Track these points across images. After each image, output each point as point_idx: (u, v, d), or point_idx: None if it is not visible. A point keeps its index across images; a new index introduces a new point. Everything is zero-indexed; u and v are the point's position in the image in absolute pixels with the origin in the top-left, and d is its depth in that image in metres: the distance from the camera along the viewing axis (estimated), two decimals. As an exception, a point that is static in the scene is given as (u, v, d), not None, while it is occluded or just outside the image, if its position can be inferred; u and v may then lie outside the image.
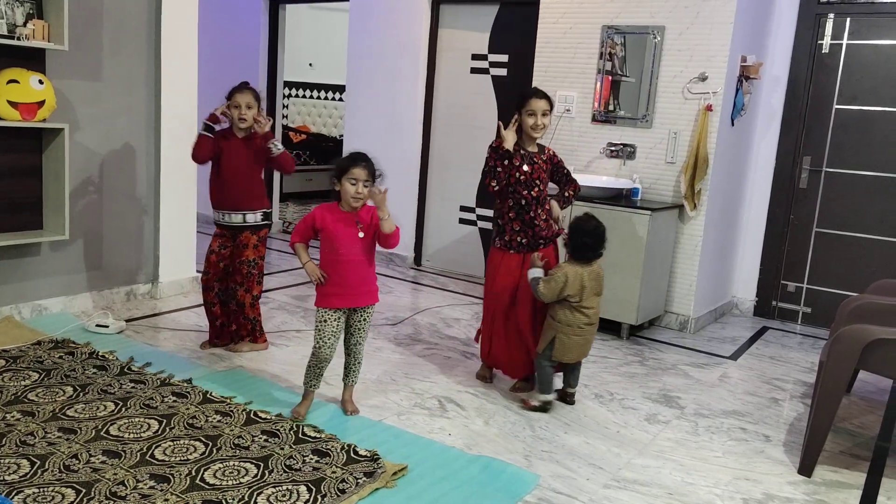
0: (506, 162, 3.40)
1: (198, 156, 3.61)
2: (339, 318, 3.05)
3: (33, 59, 3.84)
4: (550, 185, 3.61)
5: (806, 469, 2.96)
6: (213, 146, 3.60)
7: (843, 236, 5.08)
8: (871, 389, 4.01)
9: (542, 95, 3.44)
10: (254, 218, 3.68)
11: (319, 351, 3.04)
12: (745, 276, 5.44)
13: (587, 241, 3.25)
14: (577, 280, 3.23)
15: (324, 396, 3.31)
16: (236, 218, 3.66)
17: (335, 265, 3.00)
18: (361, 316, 3.10)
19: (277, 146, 3.59)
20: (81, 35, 4.08)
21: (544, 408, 3.35)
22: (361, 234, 2.96)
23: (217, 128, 3.61)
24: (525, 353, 3.53)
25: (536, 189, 3.46)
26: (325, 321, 3.03)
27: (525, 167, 3.46)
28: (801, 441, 3.24)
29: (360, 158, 2.94)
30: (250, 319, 3.79)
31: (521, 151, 3.48)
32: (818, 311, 5.20)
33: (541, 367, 3.35)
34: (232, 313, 3.78)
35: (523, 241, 3.50)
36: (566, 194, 3.67)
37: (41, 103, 3.74)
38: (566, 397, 3.48)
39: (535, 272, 3.35)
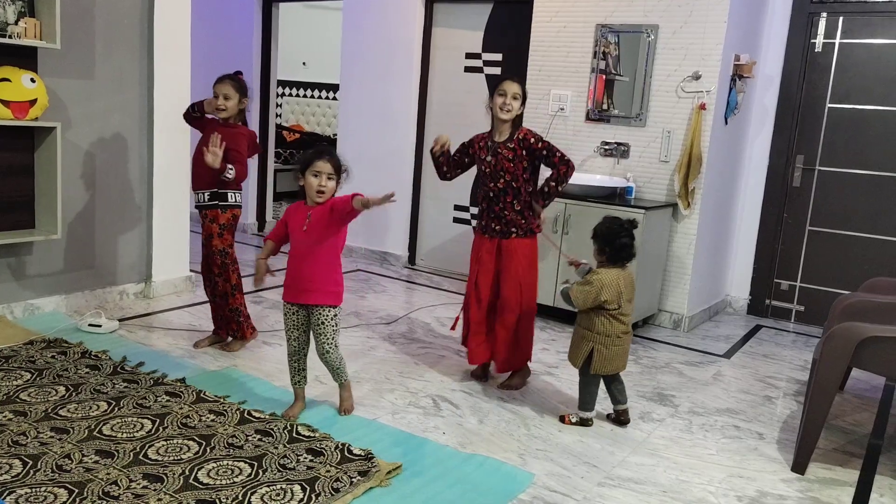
0: (440, 159, 3.57)
1: (184, 115, 3.79)
2: (296, 311, 3.06)
3: (25, 58, 3.82)
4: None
5: (799, 466, 2.97)
6: (196, 121, 3.75)
7: (836, 235, 5.09)
8: (864, 387, 4.03)
9: (516, 80, 3.46)
10: (202, 197, 3.68)
11: (287, 343, 3.11)
12: (739, 274, 5.45)
13: (626, 241, 3.08)
14: (615, 285, 3.04)
15: (318, 395, 3.31)
16: (198, 197, 3.70)
17: (290, 258, 3.04)
18: (317, 318, 3.03)
19: (227, 176, 3.52)
20: (74, 33, 4.06)
21: (584, 423, 3.22)
22: (305, 228, 2.94)
23: (195, 112, 3.71)
24: (503, 344, 3.52)
25: (503, 181, 3.44)
26: (286, 314, 3.09)
27: (489, 158, 3.46)
28: (794, 439, 3.25)
29: (324, 151, 2.95)
30: (233, 310, 3.79)
31: (488, 143, 3.49)
32: (811, 310, 5.21)
33: (584, 385, 3.20)
34: (218, 305, 3.83)
35: (496, 227, 3.52)
36: (545, 188, 3.45)
37: (33, 102, 3.72)
38: (620, 416, 3.27)
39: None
